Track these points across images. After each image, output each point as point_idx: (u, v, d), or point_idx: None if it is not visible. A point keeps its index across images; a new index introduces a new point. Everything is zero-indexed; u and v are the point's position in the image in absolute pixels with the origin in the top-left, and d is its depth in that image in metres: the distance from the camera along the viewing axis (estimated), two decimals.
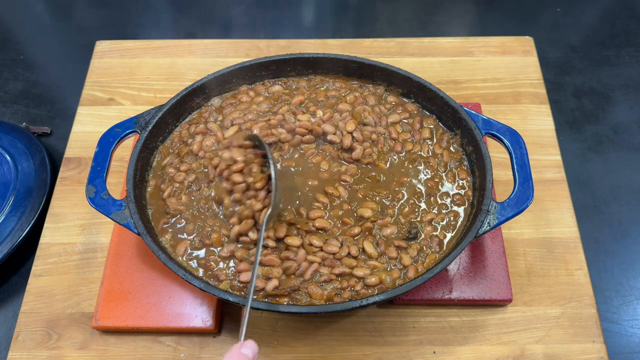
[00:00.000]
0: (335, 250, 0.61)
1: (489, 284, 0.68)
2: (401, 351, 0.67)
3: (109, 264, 0.70)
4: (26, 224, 0.78)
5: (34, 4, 1.16)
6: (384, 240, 0.63)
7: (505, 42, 0.98)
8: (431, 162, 0.69)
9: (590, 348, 0.67)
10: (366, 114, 0.72)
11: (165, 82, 0.93)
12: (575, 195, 0.81)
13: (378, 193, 0.67)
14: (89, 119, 0.89)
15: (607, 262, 0.79)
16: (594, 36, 1.08)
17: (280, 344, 0.68)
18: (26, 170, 0.83)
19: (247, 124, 0.71)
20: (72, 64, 1.03)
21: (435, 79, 0.88)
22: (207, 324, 0.66)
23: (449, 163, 0.69)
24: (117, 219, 0.61)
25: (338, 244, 0.62)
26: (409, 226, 0.64)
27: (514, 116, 0.88)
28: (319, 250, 0.61)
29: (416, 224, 0.64)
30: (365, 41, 0.98)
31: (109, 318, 0.66)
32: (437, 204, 0.66)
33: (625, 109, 0.96)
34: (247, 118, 0.72)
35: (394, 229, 0.64)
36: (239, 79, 0.75)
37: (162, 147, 0.71)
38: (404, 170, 0.69)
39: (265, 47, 0.97)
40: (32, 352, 0.68)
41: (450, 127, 0.72)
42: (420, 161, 0.70)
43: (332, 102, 0.74)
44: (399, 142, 0.71)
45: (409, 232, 0.64)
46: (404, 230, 0.64)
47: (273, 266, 0.60)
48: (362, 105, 0.74)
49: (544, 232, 0.76)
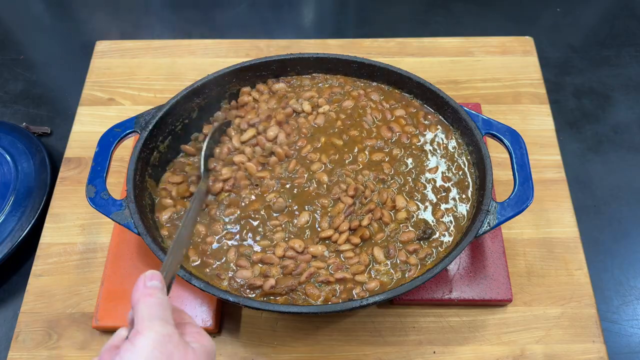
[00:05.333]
0: (351, 255, 0.62)
1: (489, 284, 0.68)
2: (401, 351, 0.67)
3: (109, 264, 0.70)
4: (26, 224, 0.78)
5: (34, 4, 1.16)
6: (401, 246, 0.63)
7: (505, 42, 0.98)
8: (439, 154, 0.69)
9: (590, 348, 0.67)
10: (368, 110, 0.72)
11: (165, 82, 0.93)
12: (575, 195, 0.81)
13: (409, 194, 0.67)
14: (89, 119, 0.89)
15: (607, 262, 0.79)
16: (594, 36, 1.08)
17: (280, 344, 0.68)
18: (26, 170, 0.83)
19: (263, 123, 0.72)
20: (72, 64, 1.03)
21: (435, 79, 0.88)
22: (207, 324, 0.66)
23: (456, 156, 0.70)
24: (117, 219, 0.61)
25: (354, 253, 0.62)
26: (424, 225, 0.64)
27: (514, 116, 0.88)
28: (334, 256, 0.62)
29: (431, 225, 0.64)
30: (365, 41, 0.98)
31: (109, 318, 0.66)
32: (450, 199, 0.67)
33: (625, 109, 0.96)
34: (263, 117, 0.72)
35: (413, 234, 0.63)
36: (239, 79, 0.75)
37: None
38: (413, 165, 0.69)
39: (265, 47, 0.97)
40: (32, 352, 0.67)
41: (451, 125, 0.72)
42: (426, 154, 0.70)
43: (338, 97, 0.75)
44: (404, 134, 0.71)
45: (424, 232, 0.63)
46: (419, 231, 0.63)
47: (272, 264, 0.61)
48: (367, 101, 0.74)
49: (544, 232, 0.76)
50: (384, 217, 0.64)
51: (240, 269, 0.61)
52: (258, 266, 0.61)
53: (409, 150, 0.70)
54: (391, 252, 0.62)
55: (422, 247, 0.62)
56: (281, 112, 0.72)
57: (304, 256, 0.61)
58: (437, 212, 0.65)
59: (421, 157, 0.70)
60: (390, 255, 0.62)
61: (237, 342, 0.68)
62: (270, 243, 0.63)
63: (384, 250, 0.62)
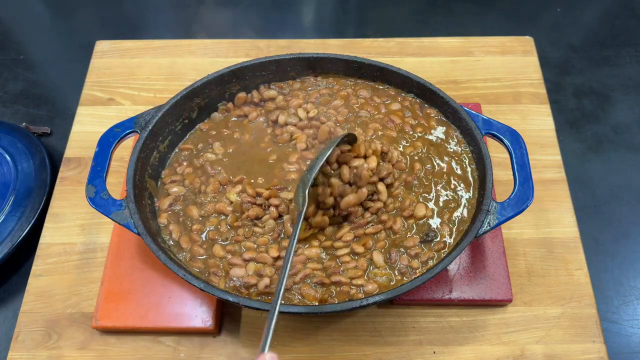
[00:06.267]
0: (348, 259, 0.61)
1: (489, 284, 0.68)
2: (401, 351, 0.67)
3: (109, 264, 0.70)
4: (26, 224, 0.78)
5: (34, 4, 1.16)
6: (403, 251, 0.62)
7: (505, 42, 0.98)
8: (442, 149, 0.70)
9: (590, 348, 0.67)
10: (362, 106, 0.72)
11: (165, 82, 0.93)
12: (575, 195, 0.81)
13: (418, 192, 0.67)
14: (89, 119, 0.89)
15: (607, 262, 0.79)
16: (594, 36, 1.08)
17: (280, 344, 0.68)
18: (26, 170, 0.83)
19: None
20: (72, 64, 1.03)
21: (435, 79, 0.88)
22: (207, 324, 0.66)
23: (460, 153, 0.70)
24: (117, 219, 0.61)
25: (352, 257, 0.62)
26: (427, 228, 0.63)
27: (514, 116, 0.88)
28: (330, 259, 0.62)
29: (434, 228, 0.63)
30: (365, 41, 0.98)
31: (109, 318, 0.66)
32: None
33: (625, 109, 0.96)
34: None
35: (417, 239, 0.63)
36: (238, 79, 0.75)
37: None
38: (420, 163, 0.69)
39: (265, 47, 0.97)
40: (32, 352, 0.67)
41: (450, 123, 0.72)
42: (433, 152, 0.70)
43: (326, 99, 0.75)
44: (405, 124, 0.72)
45: (427, 234, 0.63)
46: (422, 234, 0.63)
47: (265, 264, 0.61)
48: (356, 98, 0.74)
49: (544, 232, 0.76)
50: (395, 224, 0.63)
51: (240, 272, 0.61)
52: (253, 264, 0.61)
53: (426, 152, 0.70)
54: (392, 257, 0.61)
55: (423, 251, 0.62)
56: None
57: (298, 257, 0.61)
58: (443, 215, 0.65)
59: (432, 159, 0.70)
60: (392, 260, 0.61)
61: (237, 342, 0.68)
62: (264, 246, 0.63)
63: (385, 255, 0.62)
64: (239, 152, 0.72)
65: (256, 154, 0.72)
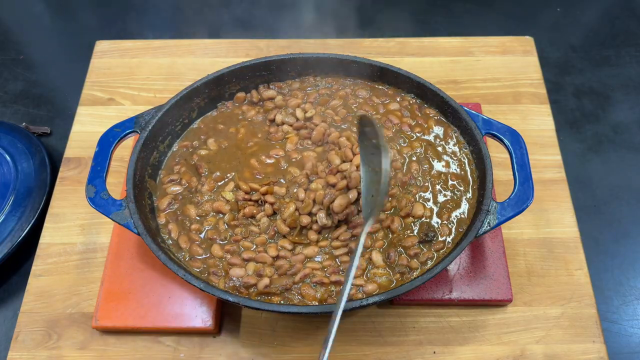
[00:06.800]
0: (347, 259, 0.61)
1: (489, 284, 0.68)
2: (401, 351, 0.67)
3: (109, 264, 0.70)
4: (26, 224, 0.78)
5: (34, 4, 1.16)
6: (402, 251, 0.62)
7: (505, 42, 0.98)
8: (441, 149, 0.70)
9: (590, 348, 0.67)
10: (360, 106, 0.72)
11: (165, 82, 0.93)
12: (575, 195, 0.81)
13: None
14: (89, 119, 0.88)
15: (607, 262, 0.79)
16: (594, 36, 1.08)
17: (280, 344, 0.68)
18: (26, 170, 0.83)
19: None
20: (72, 64, 1.03)
21: (435, 79, 0.88)
22: (207, 324, 0.66)
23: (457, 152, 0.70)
24: (116, 219, 0.61)
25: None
26: (426, 228, 0.63)
27: (514, 116, 0.88)
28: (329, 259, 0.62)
29: (434, 228, 0.64)
30: (365, 41, 0.98)
31: (108, 318, 0.66)
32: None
33: (625, 109, 0.96)
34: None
35: (416, 238, 0.63)
36: (238, 79, 0.75)
37: None
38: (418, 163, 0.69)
39: (265, 47, 0.97)
40: (32, 352, 0.67)
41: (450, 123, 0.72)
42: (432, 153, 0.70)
43: (325, 98, 0.75)
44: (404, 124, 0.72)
45: (426, 234, 0.63)
46: (422, 234, 0.63)
47: (265, 263, 0.61)
48: (355, 98, 0.74)
49: (544, 232, 0.76)
50: (393, 223, 0.64)
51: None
52: (252, 264, 0.61)
53: (424, 153, 0.70)
54: (391, 257, 0.61)
55: (422, 251, 0.62)
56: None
57: (297, 256, 0.61)
58: (442, 215, 0.65)
59: (430, 159, 0.70)
60: (391, 260, 0.61)
61: (237, 342, 0.68)
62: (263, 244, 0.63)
63: (383, 255, 0.62)
64: (231, 148, 0.72)
65: (247, 148, 0.72)
